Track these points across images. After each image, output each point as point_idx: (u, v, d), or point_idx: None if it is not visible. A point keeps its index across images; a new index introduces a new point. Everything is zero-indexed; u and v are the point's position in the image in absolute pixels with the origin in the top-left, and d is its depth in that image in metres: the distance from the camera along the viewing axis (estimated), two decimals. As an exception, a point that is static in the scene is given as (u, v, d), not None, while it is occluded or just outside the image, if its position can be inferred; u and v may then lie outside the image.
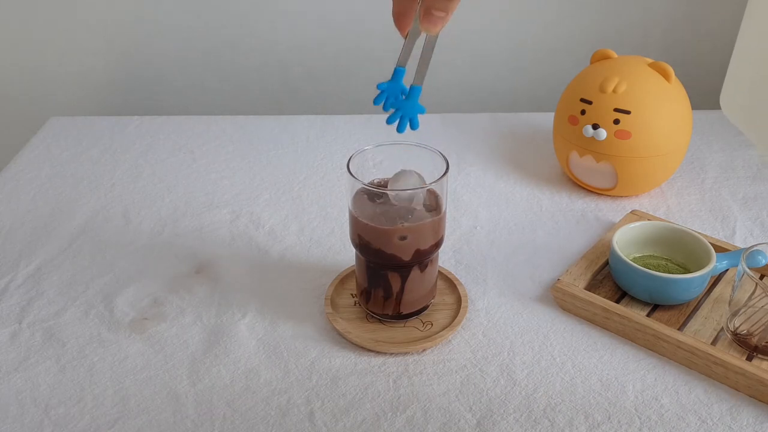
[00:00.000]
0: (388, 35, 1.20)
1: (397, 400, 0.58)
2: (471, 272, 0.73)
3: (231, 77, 1.24)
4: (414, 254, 0.60)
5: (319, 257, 0.76)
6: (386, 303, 0.64)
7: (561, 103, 0.86)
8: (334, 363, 0.61)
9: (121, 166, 0.94)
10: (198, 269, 0.73)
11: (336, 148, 0.99)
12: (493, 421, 0.56)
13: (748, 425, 0.55)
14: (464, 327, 0.65)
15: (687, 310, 0.66)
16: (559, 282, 0.67)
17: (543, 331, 0.65)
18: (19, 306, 0.68)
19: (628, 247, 0.70)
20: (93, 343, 0.63)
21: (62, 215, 0.83)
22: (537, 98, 1.24)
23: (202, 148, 0.99)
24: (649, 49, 1.19)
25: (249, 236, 0.79)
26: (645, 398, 0.58)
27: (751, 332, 0.60)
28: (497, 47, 1.21)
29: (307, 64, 1.22)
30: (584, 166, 0.84)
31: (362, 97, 1.25)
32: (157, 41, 1.20)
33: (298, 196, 0.87)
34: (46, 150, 0.98)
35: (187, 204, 0.85)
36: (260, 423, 0.56)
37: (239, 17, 1.18)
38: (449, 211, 0.84)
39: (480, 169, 0.93)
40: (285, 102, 1.26)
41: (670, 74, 0.80)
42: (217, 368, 0.61)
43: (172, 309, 0.68)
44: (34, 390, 0.59)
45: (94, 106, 1.26)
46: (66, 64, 1.22)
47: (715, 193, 0.87)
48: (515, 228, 0.81)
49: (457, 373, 0.60)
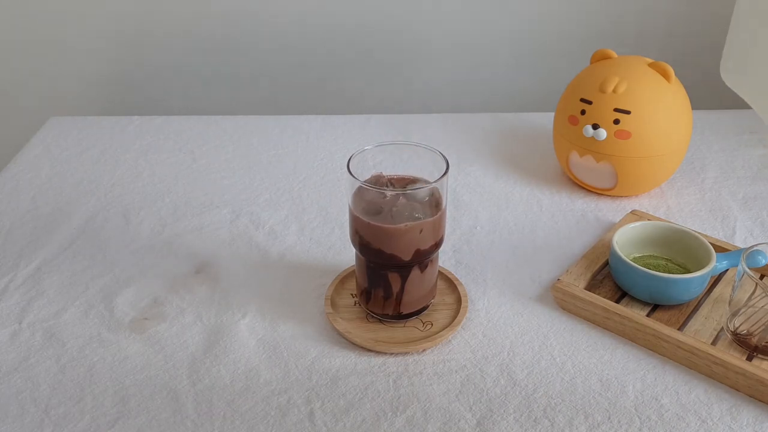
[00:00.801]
0: (388, 35, 1.20)
1: (397, 400, 0.58)
2: (471, 272, 0.73)
3: (231, 77, 1.24)
4: (414, 254, 0.60)
5: (319, 257, 0.76)
6: (386, 303, 0.64)
7: (561, 103, 0.86)
8: (334, 363, 0.61)
9: (121, 166, 0.94)
10: (198, 269, 0.73)
11: (336, 148, 0.99)
12: (493, 421, 0.56)
13: (748, 425, 0.55)
14: (464, 327, 0.65)
15: (687, 310, 0.66)
16: (559, 282, 0.67)
17: (543, 331, 0.65)
18: (19, 306, 0.68)
19: (628, 247, 0.70)
20: (93, 343, 0.63)
21: (62, 215, 0.83)
22: (537, 98, 1.24)
23: (202, 148, 0.99)
24: (649, 49, 1.19)
25: (249, 236, 0.79)
26: (645, 398, 0.58)
27: (751, 332, 0.60)
28: (497, 47, 1.21)
29: (307, 64, 1.22)
30: (584, 166, 0.84)
31: (362, 97, 1.25)
32: (157, 41, 1.20)
33: (298, 196, 0.87)
34: (46, 150, 0.98)
35: (187, 204, 0.85)
36: (260, 423, 0.56)
37: (239, 17, 1.18)
38: (449, 211, 0.84)
39: (480, 169, 0.93)
40: (285, 102, 1.26)
41: (670, 74, 0.80)
42: (217, 368, 0.61)
43: (172, 309, 0.68)
44: (34, 390, 0.59)
45: (94, 106, 1.26)
46: (66, 64, 1.22)
47: (715, 193, 0.87)
48: (515, 228, 0.81)
49: (457, 373, 0.60)
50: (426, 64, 1.22)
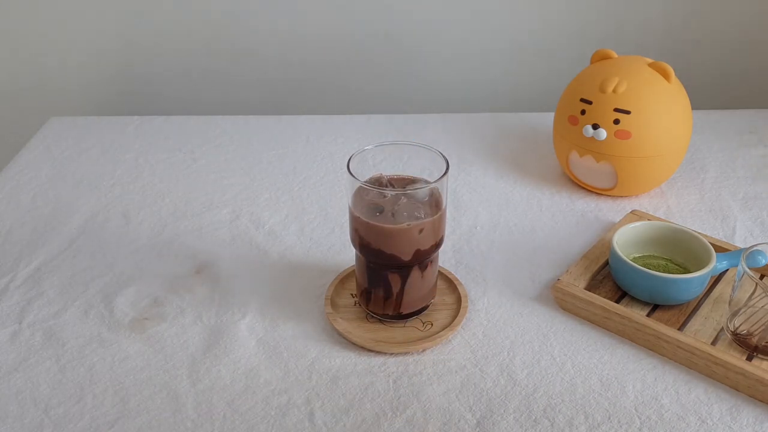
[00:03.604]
0: (388, 35, 1.20)
1: (397, 400, 0.58)
2: (471, 272, 0.73)
3: (231, 77, 1.24)
4: (414, 254, 0.60)
5: (319, 257, 0.76)
6: (386, 303, 0.64)
7: (561, 103, 0.86)
8: (334, 363, 0.61)
9: (121, 166, 0.94)
10: (198, 269, 0.73)
11: (336, 148, 0.98)
12: (493, 421, 0.56)
13: (748, 425, 0.55)
14: (464, 327, 0.65)
15: (687, 310, 0.66)
16: (559, 282, 0.67)
17: (543, 331, 0.65)
18: (19, 306, 0.68)
19: (628, 247, 0.70)
20: (93, 343, 0.63)
21: (62, 215, 0.83)
22: (537, 98, 1.24)
23: (202, 148, 0.99)
24: (649, 49, 1.19)
25: (249, 236, 0.79)
26: (645, 398, 0.58)
27: (751, 332, 0.60)
28: (497, 47, 1.21)
29: (307, 64, 1.22)
30: (584, 166, 0.84)
31: (362, 97, 1.25)
32: (157, 41, 1.20)
33: (298, 196, 0.87)
34: (46, 150, 0.98)
35: (187, 204, 0.85)
36: (260, 423, 0.56)
37: (239, 17, 1.18)
38: (449, 211, 0.84)
39: (480, 169, 0.93)
40: (285, 102, 1.26)
41: (670, 74, 0.80)
42: (217, 368, 0.61)
43: (172, 309, 0.68)
44: (34, 390, 0.59)
45: (94, 106, 1.26)
46: (66, 64, 1.22)
47: (715, 193, 0.87)
48: (515, 228, 0.81)
49: (457, 373, 0.60)
50: (426, 64, 1.22)
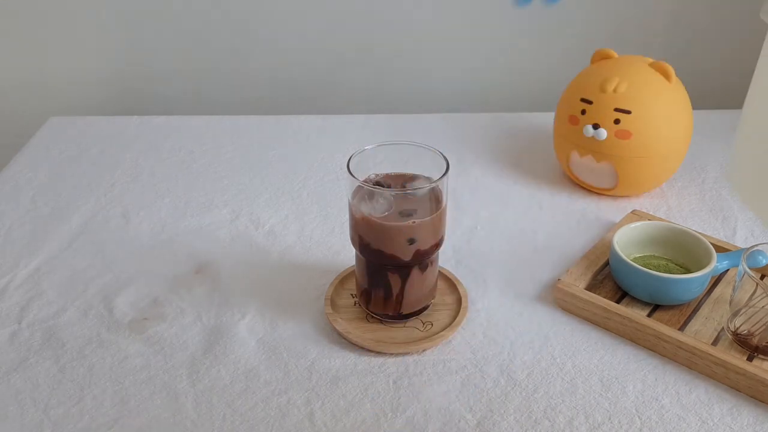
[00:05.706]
0: (388, 35, 1.20)
1: (397, 401, 0.58)
2: (471, 272, 0.73)
3: (231, 77, 1.24)
4: (414, 254, 0.60)
5: (319, 257, 0.75)
6: (386, 303, 0.64)
7: (561, 103, 0.86)
8: (334, 363, 0.61)
9: (121, 166, 0.94)
10: (198, 269, 0.73)
11: (336, 148, 0.98)
12: (493, 422, 0.56)
13: (748, 425, 0.55)
14: (464, 327, 0.65)
15: (687, 311, 0.66)
16: (560, 282, 0.67)
17: (543, 331, 0.65)
18: (18, 306, 0.68)
19: (628, 247, 0.70)
20: (92, 344, 0.63)
21: (62, 215, 0.83)
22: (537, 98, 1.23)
23: (202, 148, 0.99)
24: (649, 49, 1.19)
25: (249, 236, 0.79)
26: (645, 398, 0.58)
27: (752, 332, 0.60)
28: (497, 47, 1.21)
29: (307, 64, 1.22)
30: (584, 166, 0.84)
31: (362, 97, 1.25)
32: (157, 41, 1.20)
33: (298, 196, 0.87)
34: (46, 150, 0.98)
35: (187, 204, 0.85)
36: (260, 423, 0.56)
37: (239, 17, 1.17)
38: (449, 211, 0.83)
39: (480, 169, 0.93)
40: (285, 102, 1.26)
41: (670, 74, 0.80)
42: (217, 368, 0.61)
43: (172, 309, 0.67)
44: (34, 390, 0.59)
45: (94, 106, 1.26)
46: (66, 64, 1.22)
47: (716, 193, 0.87)
48: (515, 228, 0.81)
49: (457, 373, 0.60)
50: (426, 64, 1.22)
